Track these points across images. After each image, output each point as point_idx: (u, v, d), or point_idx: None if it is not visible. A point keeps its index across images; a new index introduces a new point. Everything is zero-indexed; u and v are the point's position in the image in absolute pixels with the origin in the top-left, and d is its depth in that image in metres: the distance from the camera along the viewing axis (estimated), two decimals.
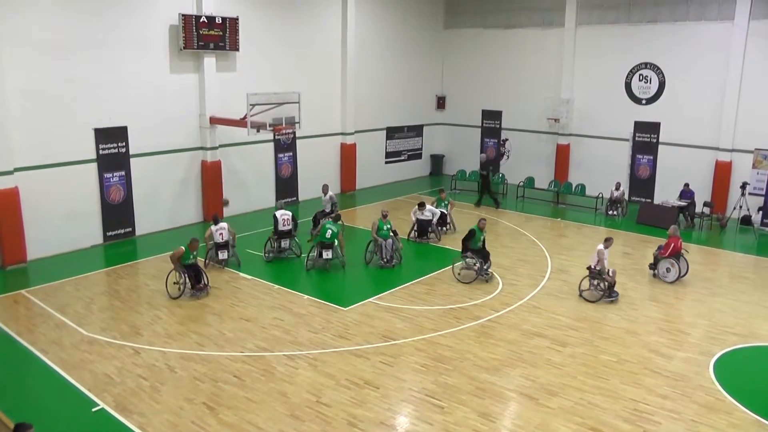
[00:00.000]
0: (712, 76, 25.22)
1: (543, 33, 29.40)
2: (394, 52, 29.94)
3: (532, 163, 30.02)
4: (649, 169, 27.40)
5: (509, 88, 30.75)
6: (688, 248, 18.88)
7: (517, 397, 11.40)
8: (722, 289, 17.08)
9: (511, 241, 21.28)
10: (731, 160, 25.14)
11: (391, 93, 30.18)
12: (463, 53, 32.10)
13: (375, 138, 29.85)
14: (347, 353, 12.91)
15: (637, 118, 27.39)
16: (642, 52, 26.96)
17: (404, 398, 11.26)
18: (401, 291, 16.45)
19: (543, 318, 14.94)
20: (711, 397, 11.60)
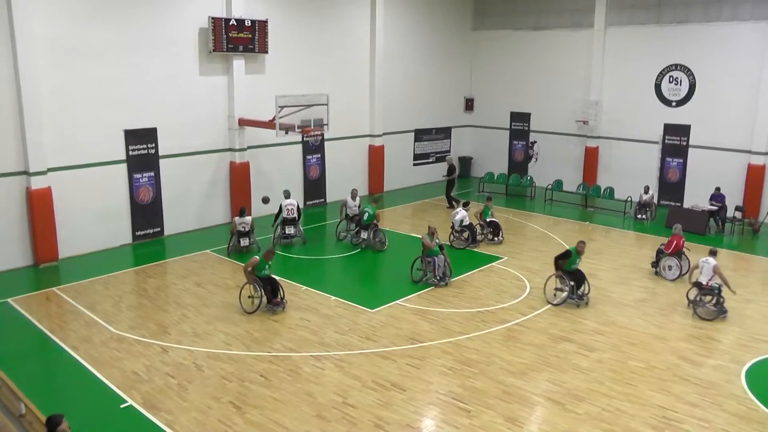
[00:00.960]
0: (744, 77, 24.83)
1: (572, 34, 29.21)
2: (423, 53, 29.93)
3: (560, 166, 29.80)
4: (679, 173, 27.06)
5: (538, 90, 30.58)
6: (718, 252, 18.59)
7: (543, 402, 11.34)
8: (754, 296, 16.81)
9: (540, 244, 21.14)
10: (765, 164, 24.71)
11: (420, 95, 30.16)
12: (492, 55, 31.99)
13: (403, 140, 29.83)
14: (374, 355, 12.93)
15: (666, 121, 27.04)
16: (672, 54, 26.63)
17: (430, 401, 11.25)
18: (428, 293, 16.43)
19: (570, 322, 14.85)
20: (743, 406, 11.40)
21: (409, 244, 20.70)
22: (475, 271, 18.06)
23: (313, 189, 25.67)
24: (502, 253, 19.82)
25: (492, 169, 30.69)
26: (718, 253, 16.04)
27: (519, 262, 19.08)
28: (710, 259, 15.42)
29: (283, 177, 24.37)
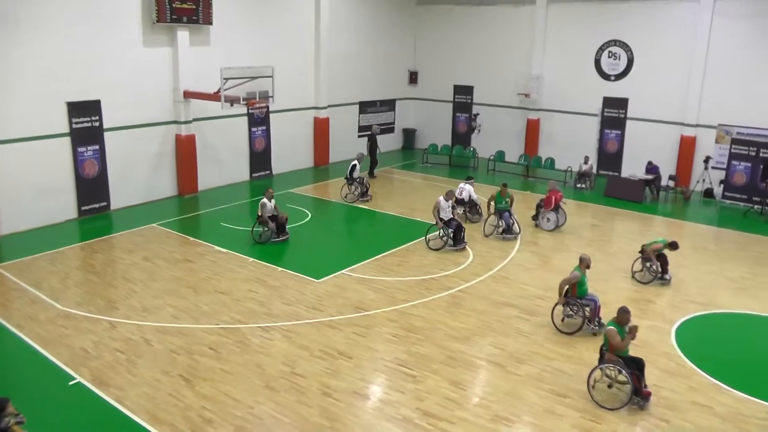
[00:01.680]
0: (678, 53, 25.72)
1: (515, 10, 29.59)
2: (368, 26, 30.00)
3: (502, 138, 30.34)
4: (617, 144, 27.90)
5: (481, 63, 30.97)
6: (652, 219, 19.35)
7: (486, 365, 11.75)
8: (686, 260, 17.54)
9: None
10: (695, 135, 25.79)
11: (364, 67, 30.27)
12: (436, 29, 32.19)
13: (348, 112, 29.96)
14: (321, 324, 13.14)
15: (605, 94, 27.86)
16: (611, 30, 27.36)
17: (377, 368, 11.53)
18: (373, 263, 16.71)
19: (512, 288, 15.32)
20: (672, 362, 12.11)
21: (353, 215, 21.01)
22: (419, 239, 18.39)
23: (259, 161, 25.65)
24: None
25: (436, 140, 31.09)
26: None
27: None
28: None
29: (229, 149, 24.34)
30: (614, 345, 10.66)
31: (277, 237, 17.97)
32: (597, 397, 10.61)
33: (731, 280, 16.49)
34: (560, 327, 13.19)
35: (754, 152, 23.61)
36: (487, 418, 10.06)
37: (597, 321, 13.05)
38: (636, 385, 10.50)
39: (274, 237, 17.92)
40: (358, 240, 19.11)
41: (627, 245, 18.63)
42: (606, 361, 10.80)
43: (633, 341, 10.74)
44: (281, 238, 18.02)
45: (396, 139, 33.11)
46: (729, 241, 19.92)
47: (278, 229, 18.00)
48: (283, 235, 18.07)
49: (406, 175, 27.43)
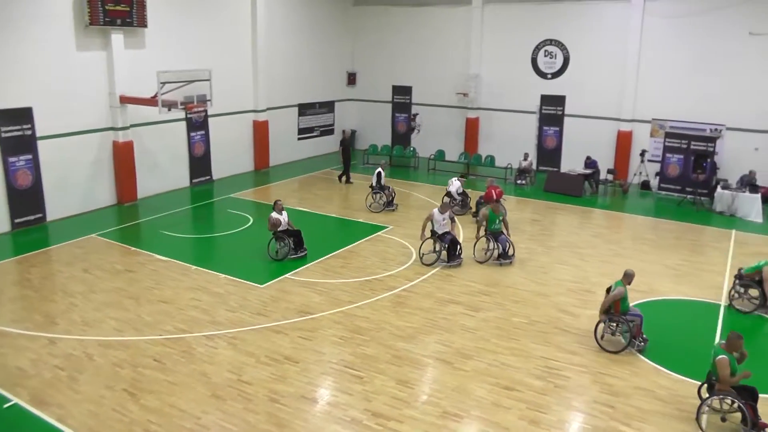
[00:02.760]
0: (613, 51, 26.43)
1: (451, 10, 29.79)
2: (305, 28, 29.80)
3: (442, 137, 30.54)
4: (556, 140, 28.38)
5: (419, 63, 31.10)
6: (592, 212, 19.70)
7: (433, 363, 11.77)
8: (626, 250, 17.98)
9: (424, 212, 21.37)
10: (631, 130, 26.57)
11: (302, 69, 30.06)
12: (373, 30, 32.22)
13: (287, 115, 29.73)
14: (266, 330, 12.99)
15: (543, 92, 28.34)
16: (547, 29, 27.88)
17: (324, 371, 11.44)
18: (317, 266, 16.60)
19: (456, 285, 15.40)
20: None
21: (295, 218, 20.74)
22: (361, 240, 18.39)
23: (199, 166, 25.19)
24: (387, 222, 20.24)
25: (376, 141, 31.16)
26: None
27: (404, 230, 19.53)
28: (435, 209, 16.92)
29: (168, 155, 23.90)
30: (724, 379, 9.72)
31: (295, 253, 16.99)
32: None
33: (669, 267, 17.00)
34: (603, 345, 12.43)
35: (686, 145, 24.32)
36: (436, 415, 10.07)
37: (641, 338, 12.37)
38: (752, 416, 9.61)
39: (292, 253, 16.95)
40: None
41: (568, 238, 19.02)
42: (717, 393, 9.90)
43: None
44: (299, 254, 17.04)
45: (336, 141, 32.89)
46: (665, 230, 20.43)
47: (296, 245, 17.08)
48: (301, 251, 17.10)
49: None
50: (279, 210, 16.91)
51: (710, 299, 15.08)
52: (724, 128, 24.57)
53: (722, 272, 16.74)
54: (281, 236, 16.88)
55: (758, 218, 21.61)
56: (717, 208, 22.53)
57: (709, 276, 16.50)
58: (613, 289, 12.35)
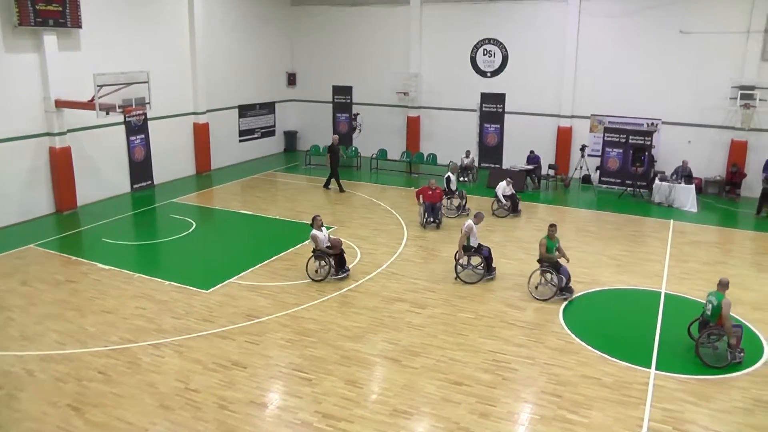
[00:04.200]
0: (550, 50, 26.94)
1: (390, 10, 29.81)
2: (243, 28, 29.42)
3: (384, 136, 30.55)
4: (497, 137, 28.67)
5: (359, 63, 31.05)
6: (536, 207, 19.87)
7: (381, 361, 11.72)
8: (569, 243, 18.16)
9: (368, 212, 21.68)
10: (571, 126, 27.14)
11: (242, 70, 29.69)
12: (312, 30, 32.01)
13: (228, 116, 29.30)
14: (213, 336, 12.74)
15: (483, 90, 28.59)
16: (485, 29, 28.16)
17: (272, 375, 11.29)
18: (262, 269, 16.38)
19: (402, 283, 15.39)
20: (561, 340, 12.62)
21: (239, 221, 20.59)
22: (306, 242, 18.13)
23: (139, 171, 24.54)
24: (330, 223, 20.05)
25: (317, 142, 30.86)
26: None
27: (349, 230, 19.49)
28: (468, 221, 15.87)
29: (108, 160, 23.23)
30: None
31: (337, 274, 15.54)
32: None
33: (611, 258, 17.41)
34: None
35: (625, 139, 24.86)
36: (386, 414, 10.02)
37: (739, 349, 11.88)
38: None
39: (334, 274, 15.55)
40: (245, 247, 18.59)
41: (511, 233, 19.21)
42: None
43: None
44: (341, 274, 15.58)
45: (277, 142, 32.69)
46: (607, 222, 20.83)
47: (337, 264, 15.65)
48: (343, 272, 15.63)
49: (289, 177, 27.17)
50: (319, 226, 15.65)
51: (651, 287, 15.46)
52: (660, 122, 25.26)
53: (662, 261, 17.26)
54: (321, 255, 15.63)
55: (693, 208, 22.39)
56: (655, 199, 23.24)
57: (649, 265, 16.93)
58: (714, 301, 11.91)
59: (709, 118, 24.87)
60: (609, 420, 10.02)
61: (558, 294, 14.26)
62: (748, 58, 23.86)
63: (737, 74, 23.99)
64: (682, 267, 16.91)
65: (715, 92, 24.39)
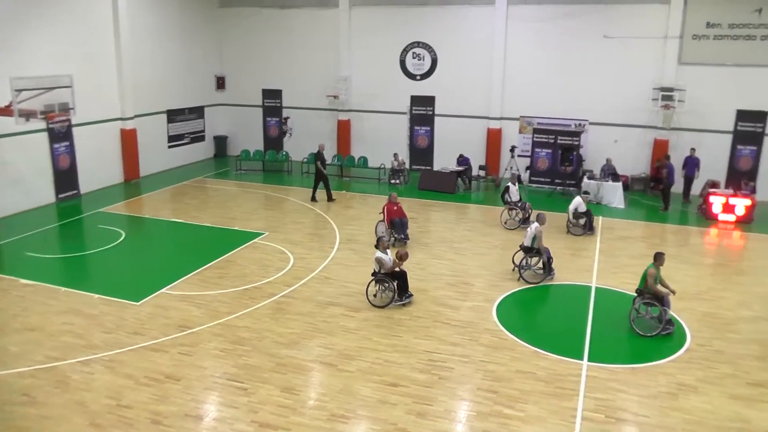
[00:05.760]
0: (479, 53, 27.43)
1: (319, 13, 29.72)
2: (170, 31, 28.78)
3: (314, 139, 30.07)
4: (427, 139, 28.94)
5: (289, 66, 30.84)
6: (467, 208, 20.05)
7: (317, 367, 11.65)
8: (500, 242, 18.47)
9: (300, 216, 21.56)
10: (500, 127, 27.67)
11: (170, 74, 29.06)
12: (241, 32, 31.60)
13: (156, 122, 28.61)
14: (144, 349, 12.38)
15: (413, 93, 28.83)
16: (414, 32, 28.46)
17: (207, 386, 11.06)
18: (193, 278, 16.05)
19: (335, 287, 15.34)
20: (495, 337, 12.85)
21: (169, 230, 20.18)
22: (238, 248, 17.99)
23: (64, 180, 23.63)
24: (262, 228, 19.88)
25: (248, 146, 30.65)
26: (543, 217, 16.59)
27: (280, 235, 19.33)
28: (535, 223, 16.14)
29: (30, 169, 22.25)
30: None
31: (400, 299, 14.32)
32: None
33: None
34: None
35: (553, 140, 25.56)
36: (323, 419, 9.97)
37: None
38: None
39: (398, 300, 14.32)
40: (176, 256, 18.21)
41: (443, 234, 19.40)
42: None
43: None
44: (405, 300, 14.35)
45: (207, 148, 32.18)
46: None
47: (400, 288, 14.46)
48: (406, 297, 14.43)
49: (220, 183, 26.73)
50: (384, 248, 14.57)
51: (582, 282, 15.88)
52: (587, 123, 25.95)
53: (592, 256, 17.79)
54: (383, 278, 14.54)
55: (621, 205, 23.19)
56: None
57: (579, 260, 17.43)
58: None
59: (633, 118, 25.87)
60: (544, 412, 10.26)
61: (663, 330, 13.02)
62: (666, 61, 25.09)
63: (658, 77, 25.14)
64: (611, 261, 17.43)
65: (638, 94, 25.48)
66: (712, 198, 21.77)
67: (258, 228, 19.98)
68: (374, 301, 14.40)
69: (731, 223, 21.38)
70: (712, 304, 14.73)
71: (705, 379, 11.48)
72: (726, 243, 20.19)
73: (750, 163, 24.73)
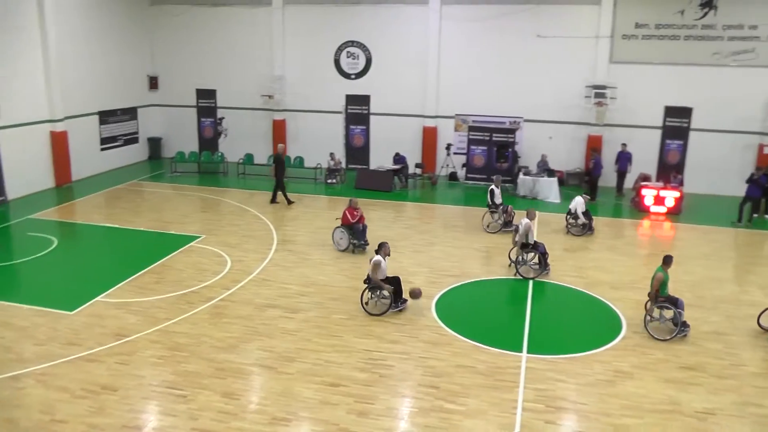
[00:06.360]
0: (413, 52, 27.68)
1: (251, 11, 29.43)
2: (100, 29, 27.95)
3: (250, 140, 30.17)
4: (363, 138, 29.06)
5: (222, 66, 30.46)
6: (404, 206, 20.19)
7: (257, 370, 11.58)
8: (438, 238, 18.73)
9: (236, 218, 21.32)
10: (436, 126, 27.96)
11: (101, 74, 28.22)
12: (173, 30, 30.98)
13: (88, 123, 27.80)
14: (79, 360, 12.02)
15: (348, 92, 28.86)
16: (348, 31, 28.49)
17: (145, 395, 10.84)
18: (130, 284, 15.71)
19: (273, 289, 15.26)
20: (435, 333, 13.01)
21: (103, 235, 19.74)
22: (175, 252, 17.71)
23: None
24: (198, 232, 19.63)
25: (182, 148, 30.16)
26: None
27: (217, 238, 19.11)
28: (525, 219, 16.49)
29: None
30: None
31: (396, 305, 14.04)
32: None
33: (479, 251, 18.16)
34: None
35: (489, 137, 26.04)
36: (265, 423, 9.93)
37: None
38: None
39: (394, 306, 14.01)
40: (111, 262, 17.77)
41: (381, 232, 19.32)
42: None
43: None
44: (401, 306, 14.08)
45: (141, 150, 31.52)
46: (474, 216, 21.45)
47: (396, 294, 14.10)
48: (402, 303, 14.12)
49: (155, 186, 26.23)
50: (386, 254, 14.18)
51: (519, 276, 16.22)
52: (522, 120, 26.46)
53: None
54: (379, 286, 14.01)
55: (557, 199, 23.86)
56: (520, 192, 24.51)
57: None
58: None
59: (567, 115, 26.59)
60: (485, 405, 10.46)
61: (679, 332, 13.04)
62: (598, 60, 25.95)
63: (590, 75, 25.96)
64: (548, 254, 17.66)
65: (572, 91, 26.21)
66: (644, 191, 22.49)
67: (194, 231, 19.71)
68: (368, 308, 14.05)
69: (662, 215, 22.16)
70: (644, 293, 15.10)
71: (640, 365, 11.94)
72: (657, 234, 20.91)
73: (678, 157, 25.94)
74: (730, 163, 25.32)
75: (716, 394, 11.03)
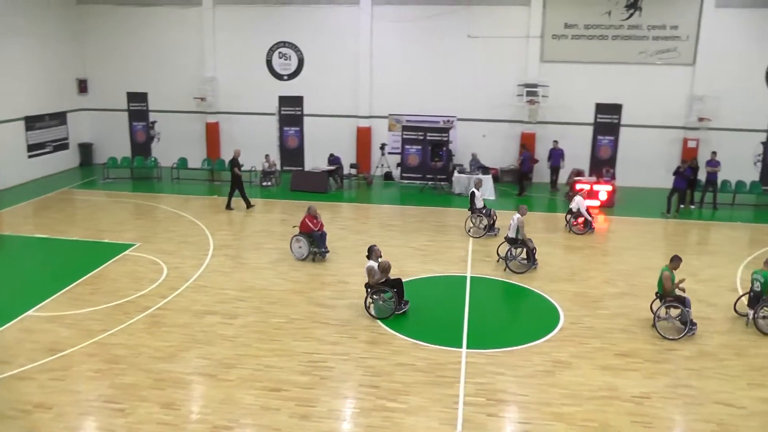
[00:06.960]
0: (346, 52, 27.81)
1: (181, 11, 28.98)
2: (24, 30, 26.90)
3: (183, 144, 29.69)
4: (297, 140, 29.10)
5: (153, 68, 29.86)
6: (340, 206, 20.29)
7: (197, 379, 11.49)
8: (374, 238, 18.64)
9: (171, 224, 21.03)
10: (370, 126, 28.22)
11: (26, 78, 27.22)
12: (102, 31, 30.08)
13: (13, 129, 26.85)
14: (10, 379, 11.58)
15: (281, 93, 28.81)
16: (280, 32, 28.40)
17: (82, 411, 10.57)
18: (63, 296, 15.29)
19: (211, 296, 15.14)
20: (374, 333, 13.21)
21: (33, 246, 19.22)
22: (109, 262, 17.37)
23: None
24: (133, 239, 19.27)
25: (114, 153, 29.45)
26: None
27: (152, 245, 18.80)
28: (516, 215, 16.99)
29: None
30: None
31: (400, 307, 14.00)
32: None
33: (416, 249, 18.46)
34: None
35: (423, 136, 26.44)
36: None
37: None
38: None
39: (398, 308, 13.94)
40: (43, 274, 17.20)
41: None
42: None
43: None
44: (404, 308, 14.03)
45: (72, 156, 30.72)
46: (410, 215, 21.80)
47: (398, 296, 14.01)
48: (404, 303, 14.09)
49: (87, 194, 25.57)
50: (377, 257, 14.24)
51: (457, 272, 16.58)
52: (455, 119, 26.85)
53: (465, 248, 18.57)
54: (382, 289, 14.08)
55: (492, 196, 24.25)
56: (456, 190, 24.95)
57: (454, 252, 18.19)
58: (761, 279, 13.51)
59: (500, 113, 27.18)
60: (426, 402, 10.66)
61: (688, 331, 13.08)
62: (529, 59, 26.61)
63: (522, 74, 26.55)
64: (484, 251, 18.24)
65: (504, 90, 26.78)
66: (578, 185, 22.98)
67: (129, 239, 19.37)
68: (377, 314, 13.96)
69: (596, 208, 22.74)
70: (581, 284, 15.80)
71: (577, 354, 12.36)
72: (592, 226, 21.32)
73: (609, 152, 26.95)
74: (658, 156, 26.38)
75: (651, 378, 11.56)
